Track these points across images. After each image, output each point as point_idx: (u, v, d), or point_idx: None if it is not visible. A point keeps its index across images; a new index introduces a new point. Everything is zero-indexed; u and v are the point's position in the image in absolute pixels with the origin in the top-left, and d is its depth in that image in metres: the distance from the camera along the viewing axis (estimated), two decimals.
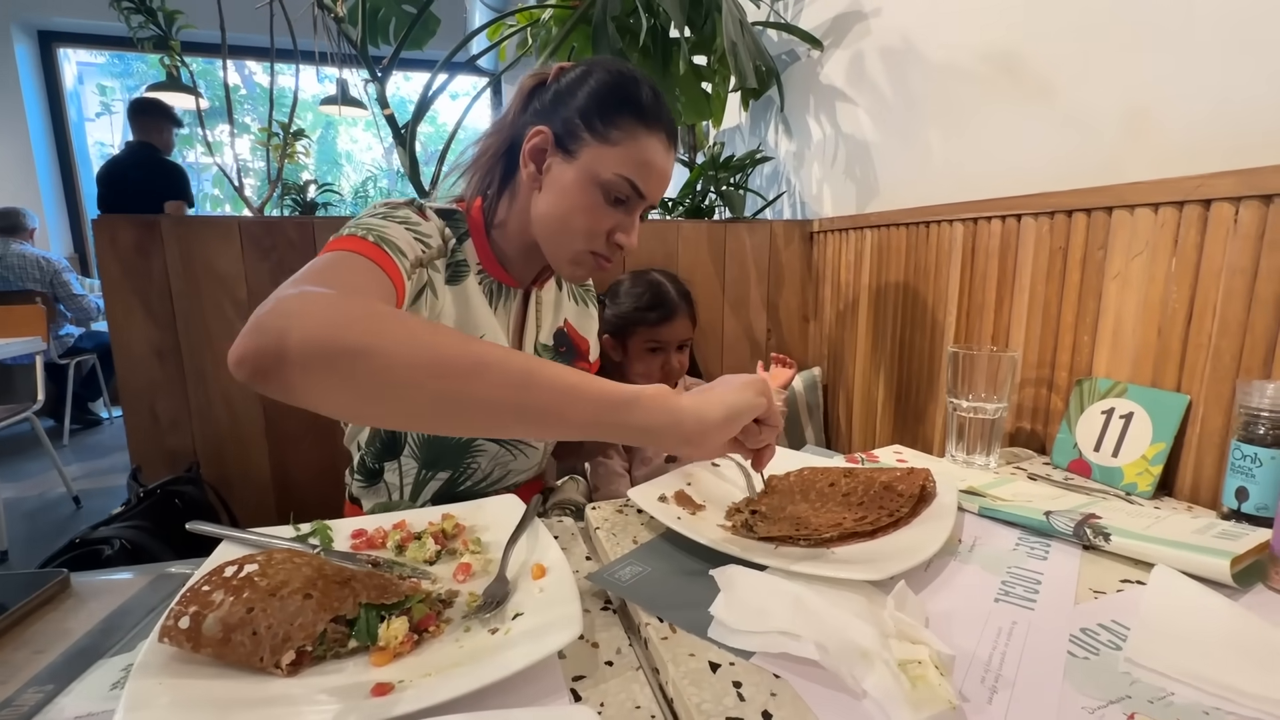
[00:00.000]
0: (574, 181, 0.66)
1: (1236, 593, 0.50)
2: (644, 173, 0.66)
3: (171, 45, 1.18)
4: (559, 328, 0.86)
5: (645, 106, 0.66)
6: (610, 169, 0.65)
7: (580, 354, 0.88)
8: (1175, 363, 0.73)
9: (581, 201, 0.66)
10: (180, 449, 1.05)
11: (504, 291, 0.77)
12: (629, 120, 0.65)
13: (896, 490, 0.59)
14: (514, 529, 0.57)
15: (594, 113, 0.65)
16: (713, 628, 0.45)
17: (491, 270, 0.75)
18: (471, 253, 0.74)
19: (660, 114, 0.67)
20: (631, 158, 0.66)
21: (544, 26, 1.49)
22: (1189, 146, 0.73)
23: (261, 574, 0.43)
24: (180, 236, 1.01)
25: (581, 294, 0.92)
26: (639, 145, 0.66)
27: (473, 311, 0.72)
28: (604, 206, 0.67)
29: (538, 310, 0.82)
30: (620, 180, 0.66)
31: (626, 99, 0.65)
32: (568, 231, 0.68)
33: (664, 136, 0.68)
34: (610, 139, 0.65)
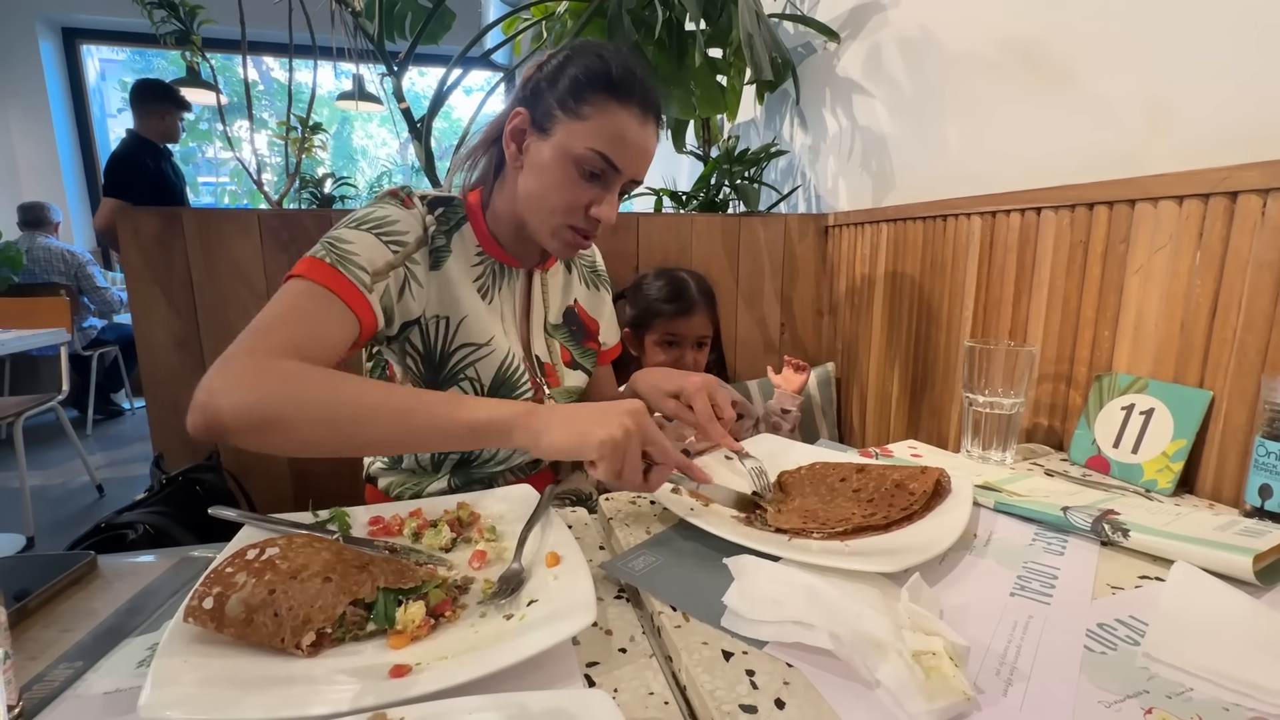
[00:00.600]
0: (550, 158, 0.68)
1: (1259, 590, 0.49)
2: (616, 146, 0.67)
3: (193, 40, 1.19)
4: (568, 307, 0.88)
5: (615, 81, 0.67)
6: (582, 143, 0.67)
7: (590, 334, 0.90)
8: (1198, 358, 0.72)
9: (557, 177, 0.68)
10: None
11: (506, 272, 0.80)
12: (599, 95, 0.66)
13: (908, 489, 0.58)
14: (528, 518, 0.57)
15: (567, 91, 0.67)
16: (726, 617, 0.45)
17: (492, 252, 0.78)
18: (471, 237, 0.77)
19: (632, 88, 0.67)
20: (603, 131, 0.67)
21: (559, 20, 1.49)
22: (1214, 138, 0.72)
23: (283, 557, 0.44)
24: (201, 229, 1.02)
25: (593, 278, 0.94)
26: (610, 119, 0.67)
27: (454, 293, 0.74)
28: (579, 181, 0.68)
29: (544, 291, 0.85)
30: (592, 154, 0.67)
31: (597, 75, 0.67)
32: (546, 207, 0.70)
33: (637, 110, 0.68)
34: (581, 114, 0.66)
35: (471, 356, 0.75)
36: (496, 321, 0.78)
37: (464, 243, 0.76)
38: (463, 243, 0.76)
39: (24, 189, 3.92)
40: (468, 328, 0.75)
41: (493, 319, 0.78)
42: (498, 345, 0.76)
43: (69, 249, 3.37)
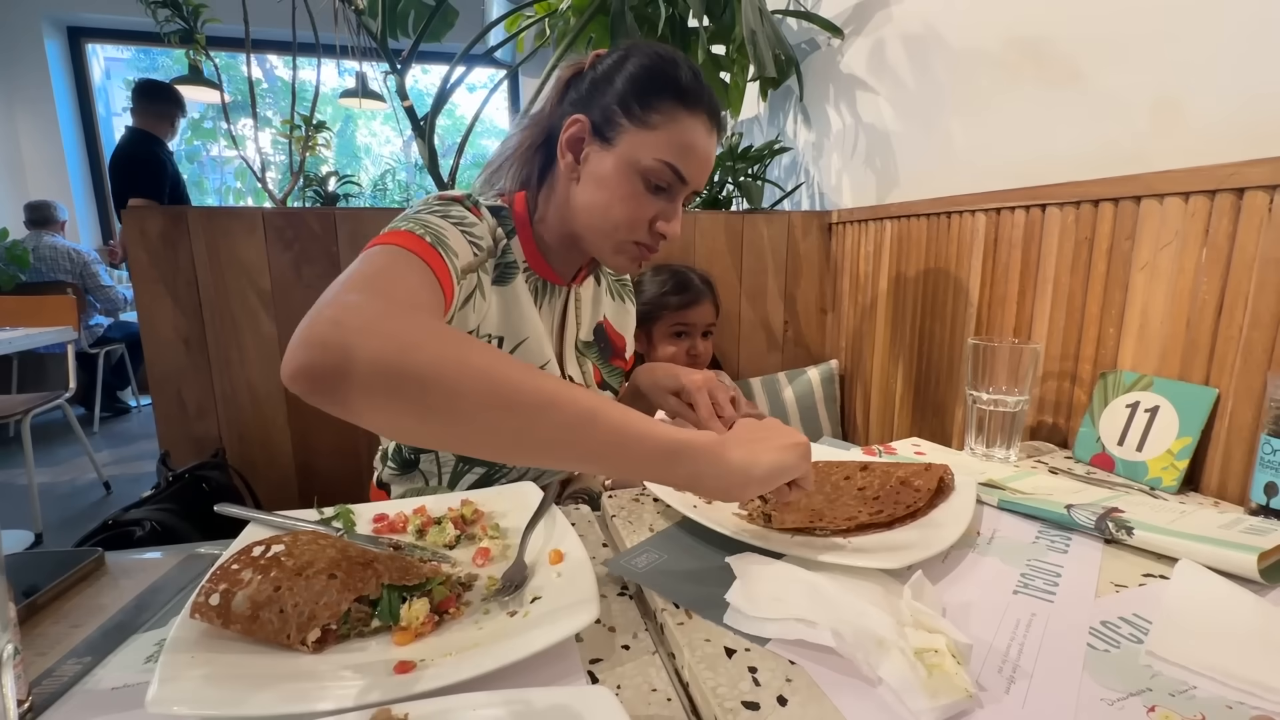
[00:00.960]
0: (613, 170, 0.64)
1: (1263, 588, 0.49)
2: (685, 156, 0.64)
3: (197, 39, 1.20)
4: (598, 323, 0.84)
5: (685, 87, 0.63)
6: (650, 154, 0.63)
7: (616, 351, 0.86)
8: (1204, 355, 0.71)
9: (622, 190, 0.64)
10: (206, 435, 1.07)
11: (549, 289, 0.75)
12: (668, 103, 0.62)
13: (913, 486, 0.58)
14: (532, 515, 0.58)
15: (632, 97, 0.63)
16: (729, 614, 0.45)
17: (537, 268, 0.72)
18: (519, 250, 0.71)
19: (701, 95, 0.64)
20: (672, 142, 0.63)
21: (562, 17, 1.48)
22: (1221, 134, 0.71)
23: (288, 554, 0.44)
24: (206, 227, 1.03)
25: (619, 290, 0.89)
26: (680, 128, 0.63)
27: (520, 313, 0.69)
28: (645, 194, 0.64)
29: (577, 307, 0.80)
30: (661, 166, 0.63)
31: (665, 81, 0.63)
32: (609, 221, 0.65)
33: (706, 118, 0.65)
34: (649, 123, 0.62)
35: None
36: (549, 344, 0.73)
37: (515, 258, 0.71)
38: (514, 258, 0.70)
39: (30, 188, 3.94)
40: (528, 350, 0.69)
41: (547, 342, 0.73)
42: (551, 370, 0.72)
43: (74, 247, 3.39)
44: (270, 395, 1.09)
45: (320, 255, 1.08)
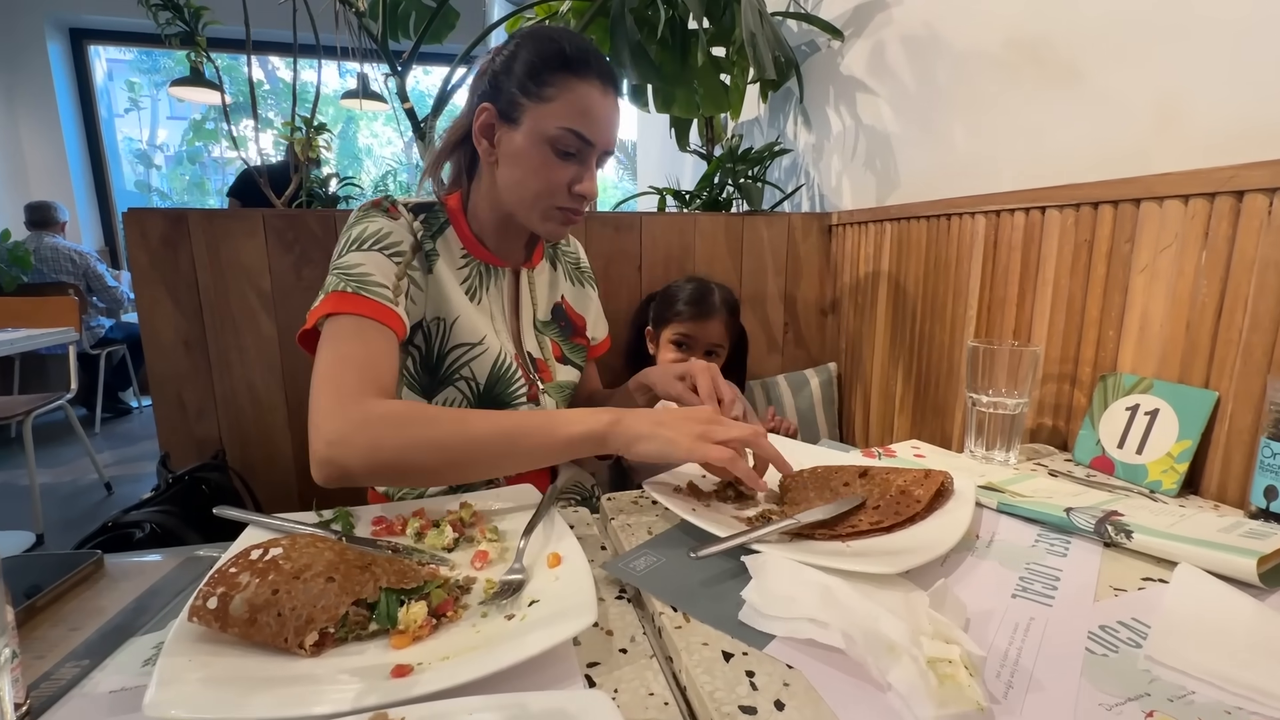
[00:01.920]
0: (524, 145, 0.70)
1: (1263, 593, 0.48)
2: (585, 120, 0.69)
3: (198, 41, 1.20)
4: (556, 304, 0.90)
5: (571, 58, 0.68)
6: (553, 124, 0.69)
7: (577, 330, 0.92)
8: (1204, 358, 0.71)
9: (535, 161, 0.70)
10: (207, 436, 1.07)
11: (492, 272, 0.81)
12: (558, 75, 0.68)
13: (914, 495, 0.58)
14: (530, 518, 0.58)
15: (527, 78, 0.69)
16: (744, 611, 0.45)
17: (476, 253, 0.79)
18: (455, 240, 0.78)
19: (588, 61, 0.69)
20: (569, 108, 0.69)
21: (563, 19, 1.49)
22: (1221, 136, 0.71)
23: (286, 557, 0.44)
24: (206, 229, 1.03)
25: (577, 275, 0.96)
26: (574, 95, 0.69)
27: (444, 294, 0.75)
28: (556, 161, 0.71)
29: (531, 289, 0.86)
30: (564, 133, 0.69)
31: (552, 56, 0.68)
32: (531, 192, 0.72)
33: (598, 82, 0.70)
34: (546, 96, 0.68)
35: (465, 356, 0.77)
36: (486, 321, 0.80)
37: (449, 246, 0.78)
38: (448, 246, 0.78)
39: (32, 188, 3.95)
40: (460, 328, 0.76)
41: (482, 319, 0.79)
42: (489, 344, 0.78)
43: (76, 248, 3.40)
44: (270, 397, 1.09)
45: (321, 257, 1.08)
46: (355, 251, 0.69)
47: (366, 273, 0.67)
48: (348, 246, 0.70)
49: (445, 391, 0.77)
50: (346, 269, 0.67)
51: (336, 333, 0.64)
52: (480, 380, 0.78)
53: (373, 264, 0.68)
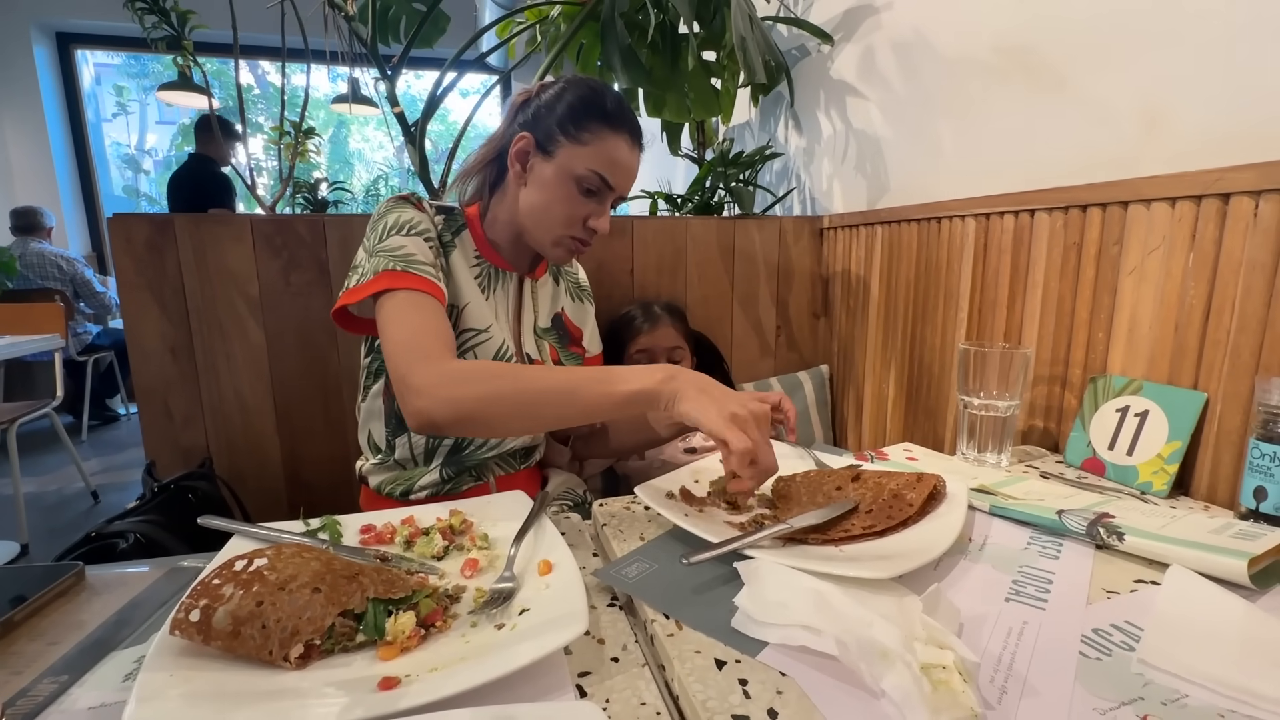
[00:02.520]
0: (553, 176, 0.77)
1: (1254, 594, 0.49)
2: (611, 167, 0.77)
3: (185, 45, 1.19)
4: (556, 314, 0.96)
5: (610, 112, 0.77)
6: (583, 165, 0.76)
7: (574, 339, 0.98)
8: (1192, 360, 0.71)
9: (559, 193, 0.77)
10: (194, 444, 1.06)
11: (501, 275, 0.88)
12: (597, 124, 0.76)
13: (906, 500, 0.58)
14: (521, 525, 0.57)
15: (569, 120, 0.76)
16: (736, 617, 0.45)
17: (489, 257, 0.86)
18: (469, 242, 0.85)
19: (624, 118, 0.78)
20: (600, 155, 0.76)
21: (553, 24, 1.48)
22: (1206, 139, 0.72)
23: (271, 568, 0.43)
24: (193, 234, 1.02)
25: (578, 292, 1.01)
26: (606, 145, 0.77)
27: (456, 283, 0.82)
28: (578, 197, 0.78)
29: (534, 298, 0.92)
30: (591, 174, 0.77)
31: (595, 108, 0.77)
32: (549, 218, 0.79)
33: (628, 137, 0.78)
34: (582, 140, 0.76)
35: (472, 341, 0.82)
36: (492, 314, 0.85)
37: (464, 245, 0.84)
38: (463, 245, 0.84)
39: (17, 193, 3.90)
40: (469, 314, 0.82)
41: (489, 312, 0.85)
42: (495, 334, 0.83)
43: (63, 254, 3.36)
44: (258, 404, 1.08)
45: (310, 262, 1.08)
46: (396, 235, 0.75)
47: (410, 253, 0.73)
48: (387, 231, 0.75)
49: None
50: (391, 250, 0.73)
51: (400, 306, 0.70)
52: None
53: (414, 245, 0.74)
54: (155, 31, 1.14)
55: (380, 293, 0.71)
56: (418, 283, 0.71)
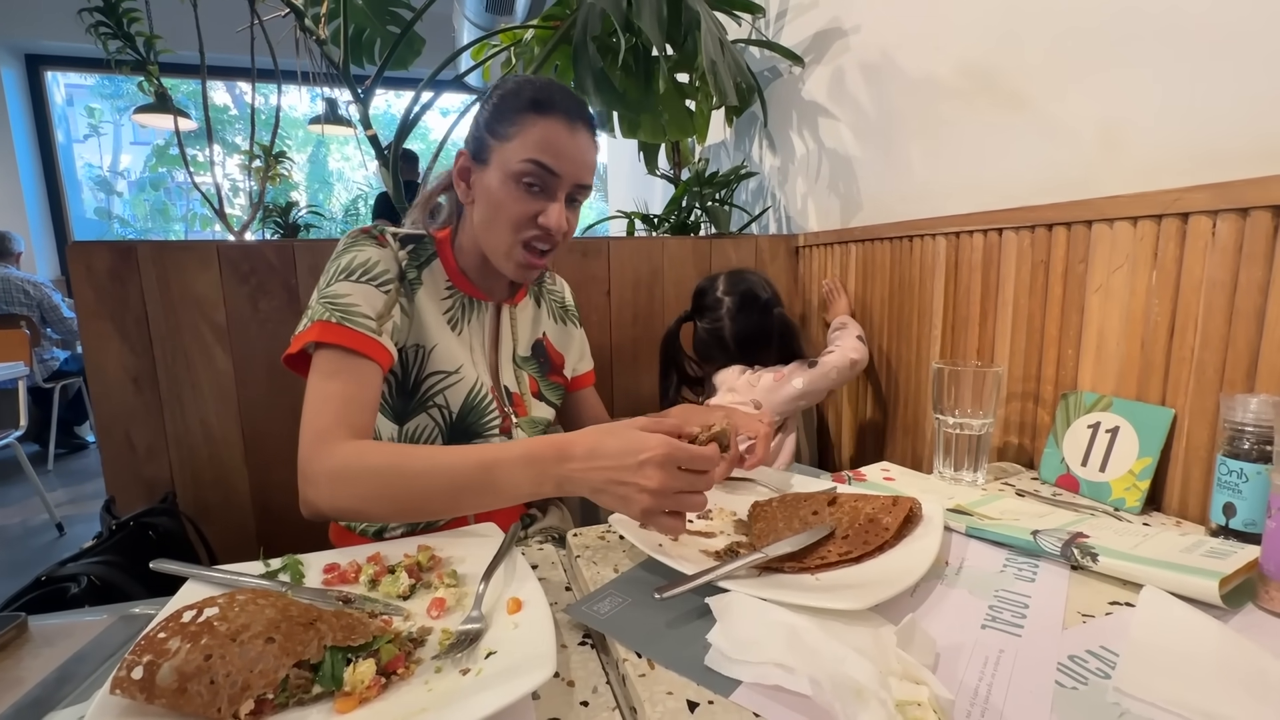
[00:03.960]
0: (492, 183, 0.72)
1: (1226, 614, 0.49)
2: (547, 151, 0.71)
3: (150, 69, 1.17)
4: (537, 340, 0.91)
5: (533, 99, 0.71)
6: (515, 158, 0.71)
7: (555, 368, 0.93)
8: (1159, 376, 0.72)
9: (500, 197, 0.72)
10: (157, 477, 1.02)
11: (475, 305, 0.83)
12: (520, 114, 0.71)
13: (882, 524, 0.58)
14: (490, 562, 0.55)
15: (494, 120, 0.72)
16: (710, 655, 0.44)
17: (461, 286, 0.82)
18: (440, 272, 0.81)
19: (551, 99, 0.71)
20: (529, 142, 0.70)
21: (527, 46, 1.49)
22: (1164, 160, 0.73)
23: (221, 618, 0.41)
24: (157, 262, 0.99)
25: (561, 313, 0.97)
26: (534, 130, 0.70)
27: (424, 323, 0.78)
28: (523, 196, 0.72)
29: (513, 325, 0.88)
30: (526, 164, 0.70)
31: (515, 100, 0.72)
32: (498, 228, 0.74)
33: (563, 117, 0.71)
34: (509, 135, 0.71)
35: (441, 384, 0.78)
36: (465, 352, 0.81)
37: (434, 277, 0.80)
38: (433, 277, 0.80)
39: None
40: (437, 356, 0.78)
41: (461, 349, 0.80)
42: (466, 374, 0.79)
43: (31, 279, 3.28)
44: (225, 434, 1.05)
45: (278, 288, 1.06)
46: (343, 282, 0.71)
47: (353, 303, 0.69)
48: (336, 275, 0.72)
49: (418, 418, 0.78)
50: (333, 298, 0.69)
51: (321, 367, 0.67)
52: (453, 409, 0.78)
53: (360, 295, 0.70)
54: (120, 55, 1.12)
55: (314, 344, 0.68)
56: (352, 339, 0.67)
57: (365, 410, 0.67)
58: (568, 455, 0.56)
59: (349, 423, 0.65)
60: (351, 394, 0.66)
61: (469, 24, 3.41)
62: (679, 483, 0.53)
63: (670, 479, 0.52)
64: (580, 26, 1.17)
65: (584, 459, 0.55)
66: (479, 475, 0.58)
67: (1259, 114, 0.64)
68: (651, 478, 0.52)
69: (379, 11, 1.58)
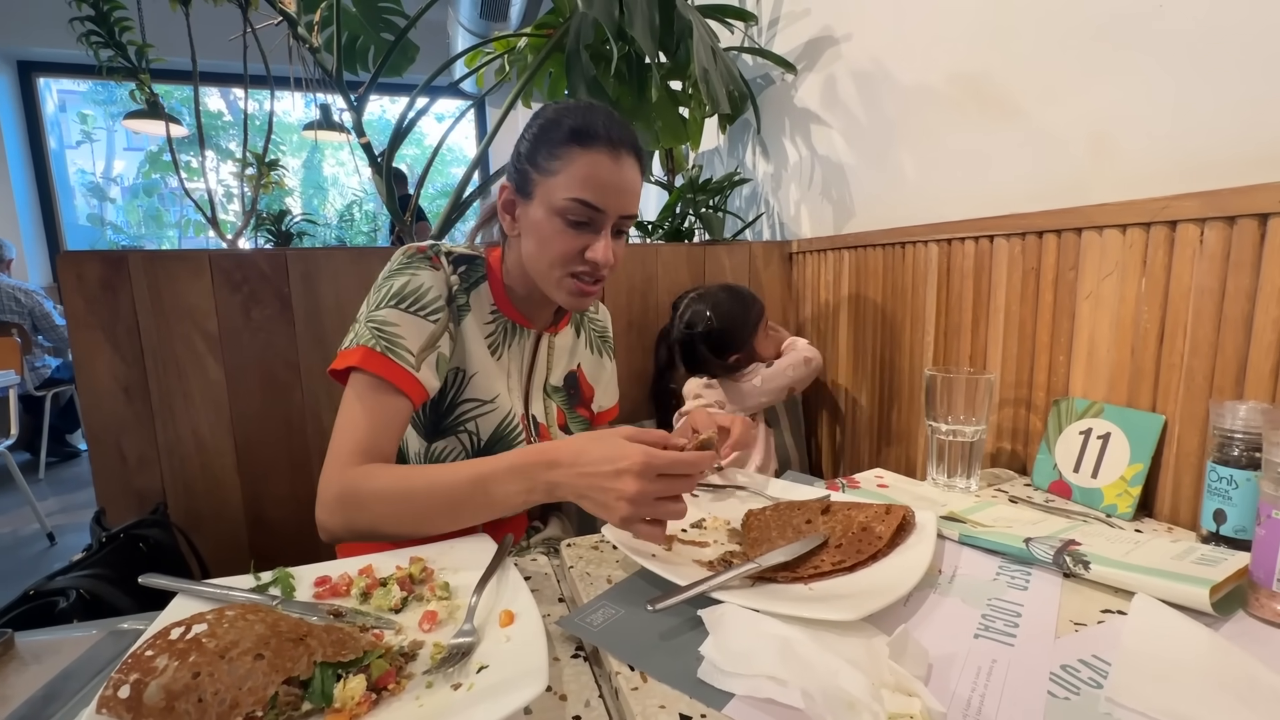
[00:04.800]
0: (538, 218, 0.72)
1: (1217, 621, 0.49)
2: (591, 188, 0.69)
3: (141, 78, 1.17)
4: (570, 371, 0.90)
5: (575, 129, 0.69)
6: (560, 195, 0.69)
7: (583, 401, 0.92)
8: (1150, 383, 0.73)
9: (547, 232, 0.71)
10: (148, 488, 1.02)
11: (518, 331, 0.82)
12: (563, 147, 0.69)
13: (875, 533, 0.58)
14: (483, 574, 0.55)
15: (536, 152, 0.71)
16: (703, 668, 0.44)
17: (506, 311, 0.81)
18: (487, 295, 0.80)
19: (594, 130, 0.69)
20: (574, 178, 0.69)
21: (520, 55, 1.50)
22: (1152, 168, 0.74)
23: (210, 634, 0.41)
24: (149, 271, 0.99)
25: (600, 344, 0.96)
26: (577, 165, 0.69)
27: (467, 349, 0.77)
28: (568, 231, 0.71)
29: (549, 354, 0.87)
30: (570, 203, 0.69)
31: (557, 130, 0.70)
32: (545, 262, 0.73)
33: (606, 149, 0.69)
34: (552, 170, 0.70)
35: (475, 411, 0.78)
36: (503, 379, 0.81)
37: (480, 300, 0.79)
38: (479, 300, 0.79)
39: None
40: (476, 384, 0.78)
41: (499, 376, 0.80)
42: (501, 404, 0.79)
43: (22, 286, 3.26)
44: (218, 443, 1.05)
45: (271, 297, 1.05)
46: (393, 309, 0.71)
47: (399, 334, 0.70)
48: (387, 299, 0.71)
49: (447, 440, 0.78)
50: (381, 325, 0.70)
51: (355, 392, 0.69)
52: (483, 436, 0.78)
53: (407, 326, 0.70)
54: (112, 64, 1.12)
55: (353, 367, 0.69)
56: (390, 372, 0.68)
57: (387, 441, 0.68)
58: (555, 462, 0.58)
59: (368, 450, 0.66)
60: (377, 425, 0.68)
61: (463, 30, 3.42)
62: (657, 488, 0.54)
63: (647, 486, 0.54)
64: (573, 35, 1.18)
65: (569, 465, 0.57)
66: (474, 489, 0.61)
67: (1245, 123, 0.65)
68: (629, 485, 0.54)
69: (372, 19, 1.58)
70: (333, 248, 0.82)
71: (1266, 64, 0.63)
